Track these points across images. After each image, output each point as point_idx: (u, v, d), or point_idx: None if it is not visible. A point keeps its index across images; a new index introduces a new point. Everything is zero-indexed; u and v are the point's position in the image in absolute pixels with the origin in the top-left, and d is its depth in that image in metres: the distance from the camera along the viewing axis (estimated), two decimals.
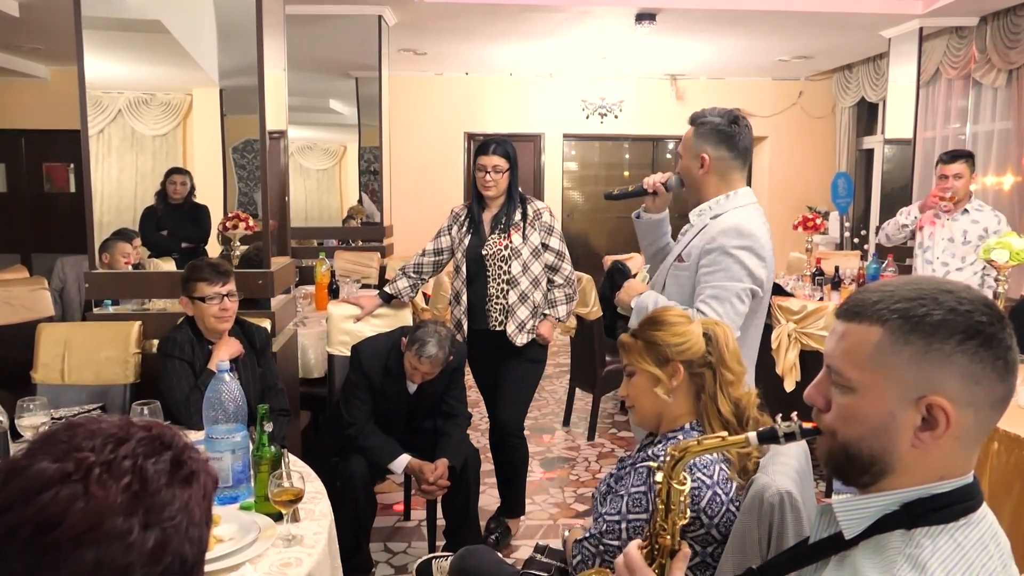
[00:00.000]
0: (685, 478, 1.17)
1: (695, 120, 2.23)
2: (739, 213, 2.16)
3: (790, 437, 1.06)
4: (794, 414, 1.08)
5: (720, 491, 1.55)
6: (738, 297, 2.07)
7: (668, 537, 1.15)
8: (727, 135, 2.17)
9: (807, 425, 1.05)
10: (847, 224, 8.04)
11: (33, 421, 2.06)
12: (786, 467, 1.49)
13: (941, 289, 0.92)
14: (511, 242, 3.09)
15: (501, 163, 3.09)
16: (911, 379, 0.90)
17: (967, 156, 4.10)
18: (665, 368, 1.65)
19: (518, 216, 3.13)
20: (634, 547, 1.15)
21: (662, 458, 1.21)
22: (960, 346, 0.89)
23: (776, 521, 1.39)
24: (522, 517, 3.40)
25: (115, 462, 0.72)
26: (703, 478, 1.55)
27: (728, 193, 2.19)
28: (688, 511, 1.18)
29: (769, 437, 1.08)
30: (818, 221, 5.95)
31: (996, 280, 3.15)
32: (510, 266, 3.09)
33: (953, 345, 0.89)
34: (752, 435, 1.12)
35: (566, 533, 1.92)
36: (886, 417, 0.92)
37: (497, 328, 3.11)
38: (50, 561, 0.69)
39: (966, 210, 4.04)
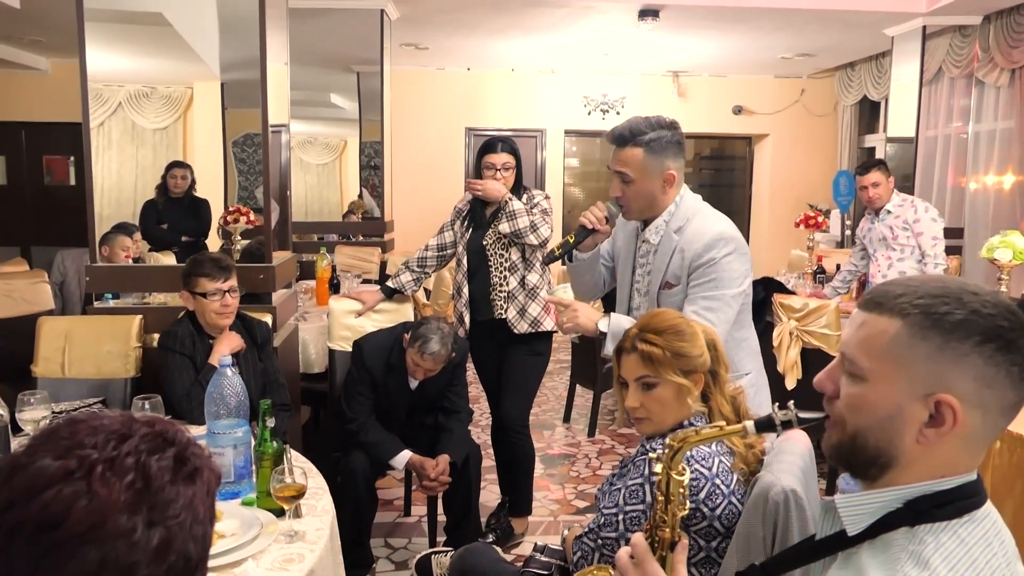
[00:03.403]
0: (684, 468, 1.17)
1: (636, 138, 2.04)
2: (705, 219, 2.08)
3: (787, 425, 1.07)
4: (791, 403, 1.08)
5: (720, 482, 1.55)
6: (729, 304, 2.02)
7: (668, 529, 1.15)
8: (680, 144, 2.09)
9: (804, 414, 1.06)
10: (848, 222, 8.02)
11: (34, 415, 2.04)
12: (791, 465, 1.48)
13: (966, 290, 0.92)
14: None
15: (510, 160, 3.10)
16: (924, 374, 0.90)
17: (879, 164, 4.36)
18: (691, 378, 1.65)
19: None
20: (640, 536, 1.14)
21: (660, 449, 1.21)
22: (977, 347, 0.88)
23: (781, 520, 1.39)
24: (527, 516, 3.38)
25: (118, 459, 0.71)
26: (701, 470, 1.55)
27: (675, 200, 2.10)
28: (688, 502, 1.18)
29: (767, 425, 1.10)
30: (819, 219, 5.94)
31: (999, 280, 3.15)
32: (510, 252, 3.10)
33: (971, 345, 0.88)
34: (750, 424, 1.13)
35: (566, 532, 1.92)
36: (894, 409, 0.91)
37: (501, 315, 3.11)
38: (53, 560, 0.67)
39: (888, 211, 4.25)
